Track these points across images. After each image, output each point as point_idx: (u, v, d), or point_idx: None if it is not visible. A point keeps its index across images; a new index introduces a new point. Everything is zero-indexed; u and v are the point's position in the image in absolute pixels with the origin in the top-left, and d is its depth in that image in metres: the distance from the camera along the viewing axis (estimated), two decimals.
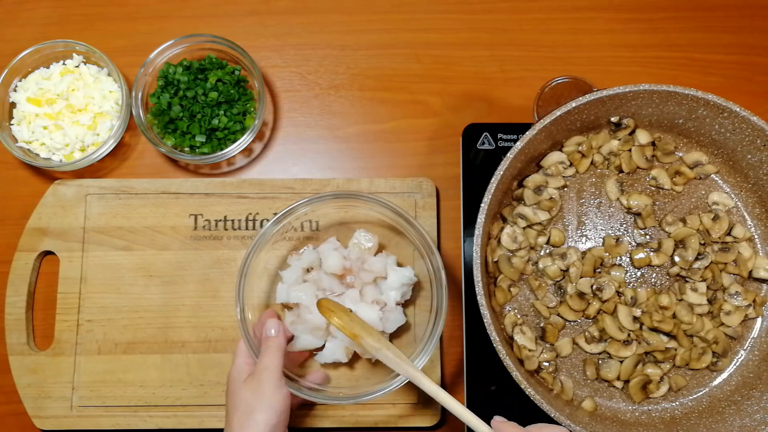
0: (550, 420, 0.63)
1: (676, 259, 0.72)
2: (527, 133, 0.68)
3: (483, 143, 0.80)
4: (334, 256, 0.72)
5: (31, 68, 0.82)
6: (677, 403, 0.71)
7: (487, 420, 0.59)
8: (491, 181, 0.67)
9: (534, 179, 0.74)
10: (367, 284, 0.72)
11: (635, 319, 0.71)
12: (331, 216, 0.78)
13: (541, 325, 0.72)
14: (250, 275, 0.70)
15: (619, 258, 0.73)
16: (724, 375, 0.72)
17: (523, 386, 0.63)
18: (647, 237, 0.74)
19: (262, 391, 0.62)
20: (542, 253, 0.74)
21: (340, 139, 0.84)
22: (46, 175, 0.83)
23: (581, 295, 0.72)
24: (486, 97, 0.85)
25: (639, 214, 0.74)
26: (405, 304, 0.76)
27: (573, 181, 0.76)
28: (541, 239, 0.73)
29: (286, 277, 0.72)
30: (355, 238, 0.74)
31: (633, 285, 0.72)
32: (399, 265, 0.74)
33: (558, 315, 0.72)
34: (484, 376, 0.75)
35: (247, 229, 0.79)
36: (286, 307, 0.74)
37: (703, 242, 0.72)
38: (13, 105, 0.81)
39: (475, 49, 0.86)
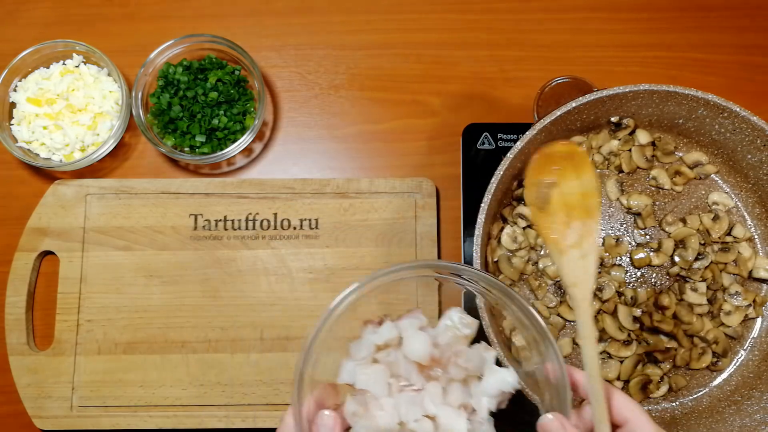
0: None
1: (676, 259, 0.72)
2: (527, 133, 0.68)
3: (483, 143, 0.80)
4: (420, 340, 0.53)
5: (31, 68, 0.82)
6: (677, 403, 0.71)
7: None
8: (491, 181, 0.67)
9: None
10: (453, 381, 0.54)
11: (635, 319, 0.71)
12: (332, 216, 0.78)
13: None
14: (317, 349, 0.53)
15: (619, 258, 0.73)
16: (724, 375, 0.72)
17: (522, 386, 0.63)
18: (647, 237, 0.74)
19: None
20: (542, 253, 0.74)
21: (339, 139, 0.84)
22: (46, 175, 0.83)
23: None
24: (486, 97, 0.85)
25: (639, 214, 0.74)
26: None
27: None
28: (541, 239, 0.73)
29: (355, 352, 0.54)
30: (449, 318, 0.55)
31: (633, 285, 0.72)
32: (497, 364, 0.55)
33: (558, 315, 0.72)
34: None
35: (247, 229, 0.79)
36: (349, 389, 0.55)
37: (703, 242, 0.72)
38: (13, 105, 0.81)
39: (474, 49, 0.86)
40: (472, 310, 0.57)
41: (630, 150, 0.75)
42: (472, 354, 0.53)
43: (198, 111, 0.80)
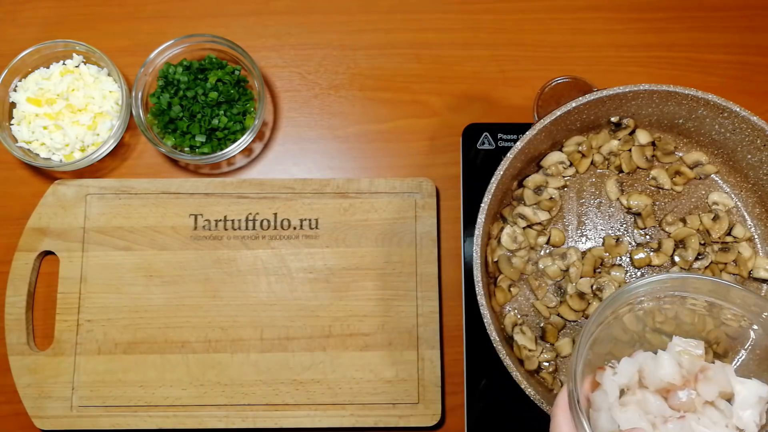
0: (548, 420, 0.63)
1: (676, 259, 0.72)
2: (527, 133, 0.68)
3: (483, 143, 0.80)
4: (667, 361, 0.51)
5: (31, 68, 0.82)
6: None
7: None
8: (491, 181, 0.67)
9: (534, 179, 0.74)
10: (707, 404, 0.52)
11: (637, 319, 0.71)
12: (332, 216, 0.78)
13: (541, 325, 0.72)
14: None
15: (619, 258, 0.73)
16: None
17: (523, 386, 0.63)
18: (647, 237, 0.74)
19: None
20: (542, 253, 0.74)
21: (340, 139, 0.84)
22: (46, 175, 0.83)
23: (581, 295, 0.72)
24: (486, 97, 0.85)
25: (639, 214, 0.74)
26: None
27: (573, 181, 0.76)
28: (541, 239, 0.73)
29: (599, 402, 0.52)
30: (676, 345, 0.54)
31: None
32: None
33: (558, 315, 0.72)
34: (484, 376, 0.75)
35: (247, 229, 0.79)
36: None
37: (703, 242, 0.72)
38: (13, 105, 0.81)
39: (474, 49, 0.86)
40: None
41: (630, 150, 0.75)
42: (716, 368, 0.52)
43: (198, 111, 0.80)
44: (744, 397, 0.51)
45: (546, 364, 0.71)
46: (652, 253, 0.72)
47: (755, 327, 0.57)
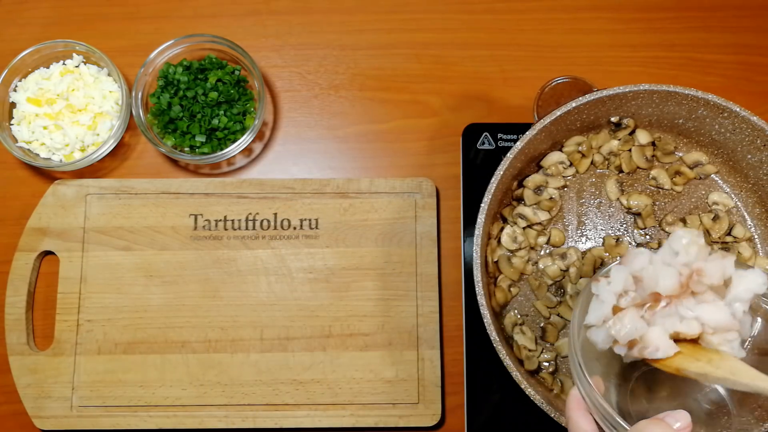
0: (550, 421, 0.63)
1: None
2: (527, 133, 0.68)
3: (483, 143, 0.80)
4: (669, 273, 0.51)
5: (31, 68, 0.82)
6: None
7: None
8: (491, 181, 0.67)
9: (534, 179, 0.74)
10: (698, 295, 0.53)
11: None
12: (332, 216, 0.78)
13: (541, 325, 0.72)
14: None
15: (619, 258, 0.73)
16: None
17: (523, 386, 0.63)
18: (647, 237, 0.74)
19: None
20: (542, 253, 0.74)
21: (340, 139, 0.84)
22: (46, 175, 0.83)
23: None
24: (486, 97, 0.85)
25: (639, 214, 0.74)
26: None
27: (573, 181, 0.76)
28: (541, 239, 0.73)
29: (594, 314, 0.53)
30: (681, 237, 0.52)
31: None
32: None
33: (558, 315, 0.72)
34: (484, 376, 0.75)
35: (247, 229, 0.79)
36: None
37: None
38: (13, 105, 0.81)
39: (474, 49, 0.86)
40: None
41: (630, 150, 0.75)
42: (712, 267, 0.51)
43: (198, 111, 0.80)
44: (738, 292, 0.51)
45: (546, 364, 0.71)
46: None
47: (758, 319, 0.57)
